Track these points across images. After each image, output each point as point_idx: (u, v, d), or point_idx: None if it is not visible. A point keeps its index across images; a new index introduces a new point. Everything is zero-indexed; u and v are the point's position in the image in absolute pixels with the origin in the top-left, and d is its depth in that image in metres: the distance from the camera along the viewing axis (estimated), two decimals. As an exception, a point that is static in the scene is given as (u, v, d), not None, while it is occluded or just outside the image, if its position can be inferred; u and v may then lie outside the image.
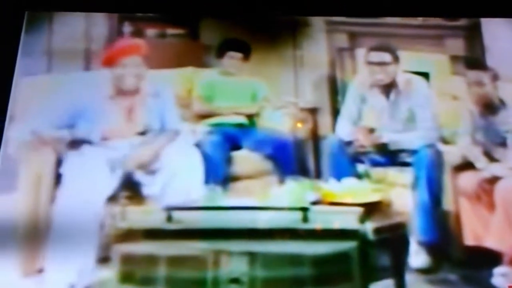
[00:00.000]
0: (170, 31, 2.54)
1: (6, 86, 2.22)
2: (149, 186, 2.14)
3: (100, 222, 2.00)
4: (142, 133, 2.22)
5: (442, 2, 2.45)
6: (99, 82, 2.25)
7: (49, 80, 2.32)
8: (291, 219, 1.89)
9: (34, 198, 2.07)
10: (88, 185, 2.06)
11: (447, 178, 2.20)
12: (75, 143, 2.16)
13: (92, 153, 2.15)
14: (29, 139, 2.14)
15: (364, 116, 2.37)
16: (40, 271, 1.98)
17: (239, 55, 2.45)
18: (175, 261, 1.80)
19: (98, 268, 1.95)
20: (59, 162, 2.13)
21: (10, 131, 2.15)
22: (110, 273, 1.85)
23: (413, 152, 2.26)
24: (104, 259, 1.93)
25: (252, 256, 1.79)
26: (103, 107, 2.21)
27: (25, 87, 2.25)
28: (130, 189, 2.14)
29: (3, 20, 2.34)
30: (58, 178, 2.11)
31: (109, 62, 2.24)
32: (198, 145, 2.27)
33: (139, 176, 2.15)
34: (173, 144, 2.22)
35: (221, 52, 2.46)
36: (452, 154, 2.23)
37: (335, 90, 2.48)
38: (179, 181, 2.14)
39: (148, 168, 2.14)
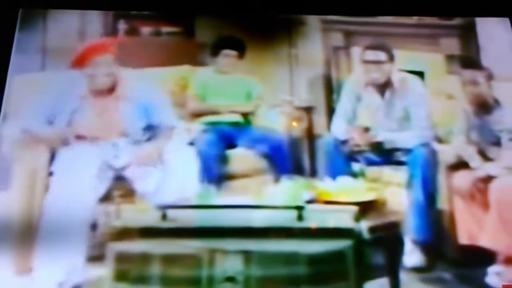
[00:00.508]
0: (165, 29, 2.53)
1: (0, 83, 2.21)
2: (143, 183, 2.13)
3: (92, 220, 2.00)
4: (126, 133, 2.20)
5: (437, 2, 2.46)
6: (79, 80, 2.23)
7: (43, 77, 2.31)
8: (286, 218, 1.88)
9: (28, 196, 2.06)
10: (78, 183, 2.05)
11: (442, 177, 2.20)
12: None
13: (83, 151, 2.14)
14: (22, 136, 2.13)
15: (359, 115, 2.37)
16: (33, 269, 1.97)
17: (233, 53, 2.45)
18: (169, 259, 1.79)
19: (92, 267, 1.95)
20: (52, 160, 2.12)
21: (4, 128, 2.14)
22: (104, 271, 1.84)
23: (408, 151, 2.26)
24: (98, 258, 1.92)
25: (247, 255, 1.79)
26: (78, 105, 2.19)
27: (18, 84, 2.24)
28: (123, 186, 2.13)
29: (-3, 17, 2.33)
30: (51, 175, 2.10)
31: (81, 61, 2.22)
32: (193, 143, 2.27)
33: (133, 173, 2.15)
34: (169, 142, 2.22)
35: (215, 50, 2.46)
36: (446, 153, 2.24)
37: (331, 89, 2.48)
38: (174, 179, 2.14)
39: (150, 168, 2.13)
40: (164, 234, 1.84)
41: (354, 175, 2.23)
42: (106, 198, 2.09)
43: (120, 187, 2.13)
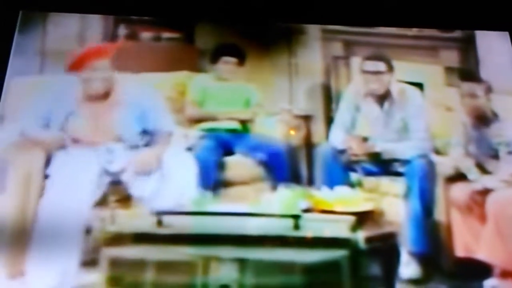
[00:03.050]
0: (165, 34, 2.54)
1: (-2, 85, 2.21)
2: (140, 188, 2.12)
3: (86, 225, 1.98)
4: (121, 138, 2.20)
5: (438, 14, 2.47)
6: (76, 84, 2.23)
7: (41, 80, 2.30)
8: (283, 226, 1.88)
9: (22, 199, 2.04)
10: (73, 187, 2.04)
11: (439, 189, 2.20)
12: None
13: (79, 155, 2.13)
14: (19, 139, 2.12)
15: (357, 125, 2.36)
16: (25, 273, 1.96)
17: (233, 60, 2.45)
18: (164, 266, 1.78)
19: (86, 272, 1.93)
20: (48, 163, 2.11)
21: (0, 131, 2.13)
22: (98, 276, 1.83)
23: (406, 162, 2.26)
24: (92, 263, 1.90)
25: (242, 263, 1.78)
26: (73, 110, 2.19)
27: (16, 87, 2.23)
28: (119, 192, 2.12)
29: (-3, 19, 2.33)
30: (47, 178, 2.09)
31: (78, 65, 2.21)
32: (190, 149, 2.26)
33: (129, 178, 2.13)
34: (167, 148, 2.21)
35: (215, 57, 2.46)
36: (444, 165, 2.23)
37: (329, 98, 2.48)
38: (171, 184, 2.13)
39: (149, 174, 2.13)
40: (159, 240, 1.82)
41: (352, 185, 2.22)
42: (101, 202, 2.07)
43: (116, 192, 2.11)
